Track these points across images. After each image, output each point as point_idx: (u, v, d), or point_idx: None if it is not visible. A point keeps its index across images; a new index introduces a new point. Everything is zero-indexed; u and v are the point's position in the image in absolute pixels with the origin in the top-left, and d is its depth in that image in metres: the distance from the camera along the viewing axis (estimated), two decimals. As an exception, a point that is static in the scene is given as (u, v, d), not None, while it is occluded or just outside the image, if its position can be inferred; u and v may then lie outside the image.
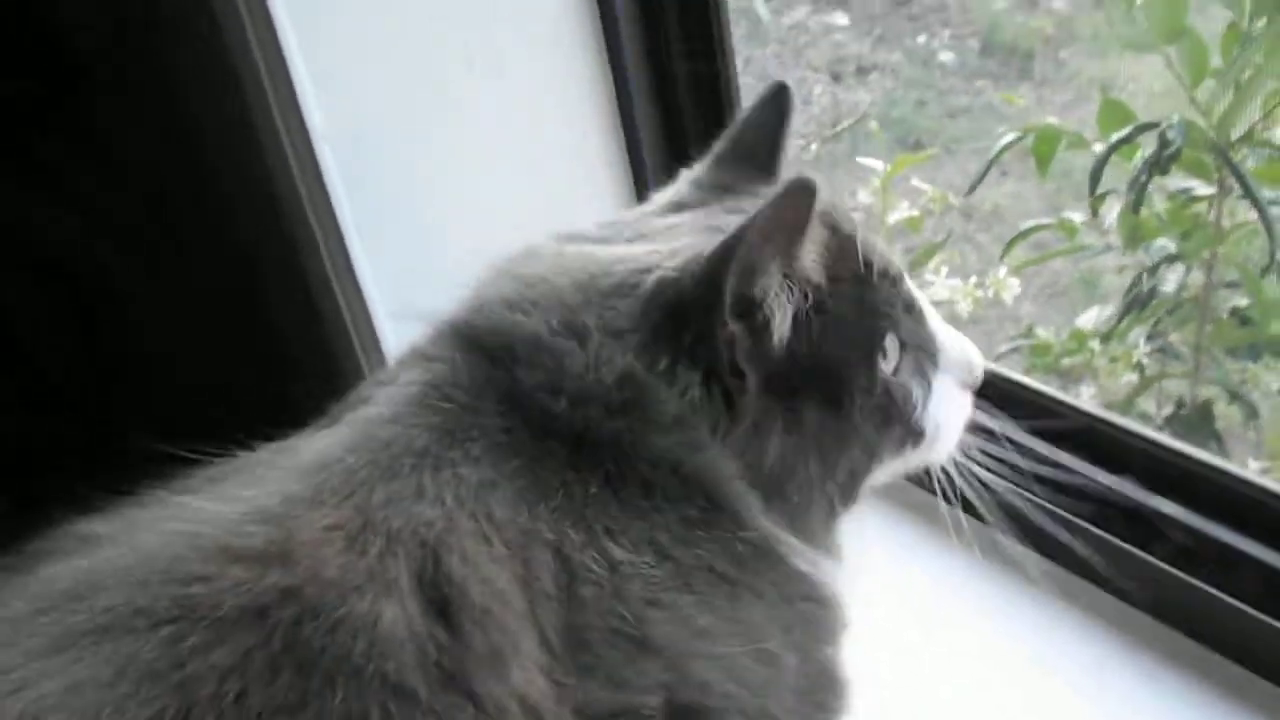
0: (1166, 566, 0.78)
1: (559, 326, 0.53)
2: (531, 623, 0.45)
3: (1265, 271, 1.24)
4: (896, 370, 0.57)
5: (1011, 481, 0.62)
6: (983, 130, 2.53)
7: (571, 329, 0.53)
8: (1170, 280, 1.27)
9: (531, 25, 1.03)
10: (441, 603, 0.43)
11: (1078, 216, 1.41)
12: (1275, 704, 0.74)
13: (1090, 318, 1.42)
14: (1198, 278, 1.34)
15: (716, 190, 0.63)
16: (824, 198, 0.51)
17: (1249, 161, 1.21)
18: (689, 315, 0.52)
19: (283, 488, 0.47)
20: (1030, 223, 1.43)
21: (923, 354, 0.59)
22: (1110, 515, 0.76)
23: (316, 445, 0.50)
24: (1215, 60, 1.18)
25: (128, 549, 0.45)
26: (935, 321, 0.61)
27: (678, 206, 0.63)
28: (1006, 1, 2.76)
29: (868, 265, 0.57)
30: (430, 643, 0.42)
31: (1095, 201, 1.35)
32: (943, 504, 0.61)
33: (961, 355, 0.61)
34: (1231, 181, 1.25)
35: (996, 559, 0.68)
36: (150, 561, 0.43)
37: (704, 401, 0.52)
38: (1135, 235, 1.36)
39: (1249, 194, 1.17)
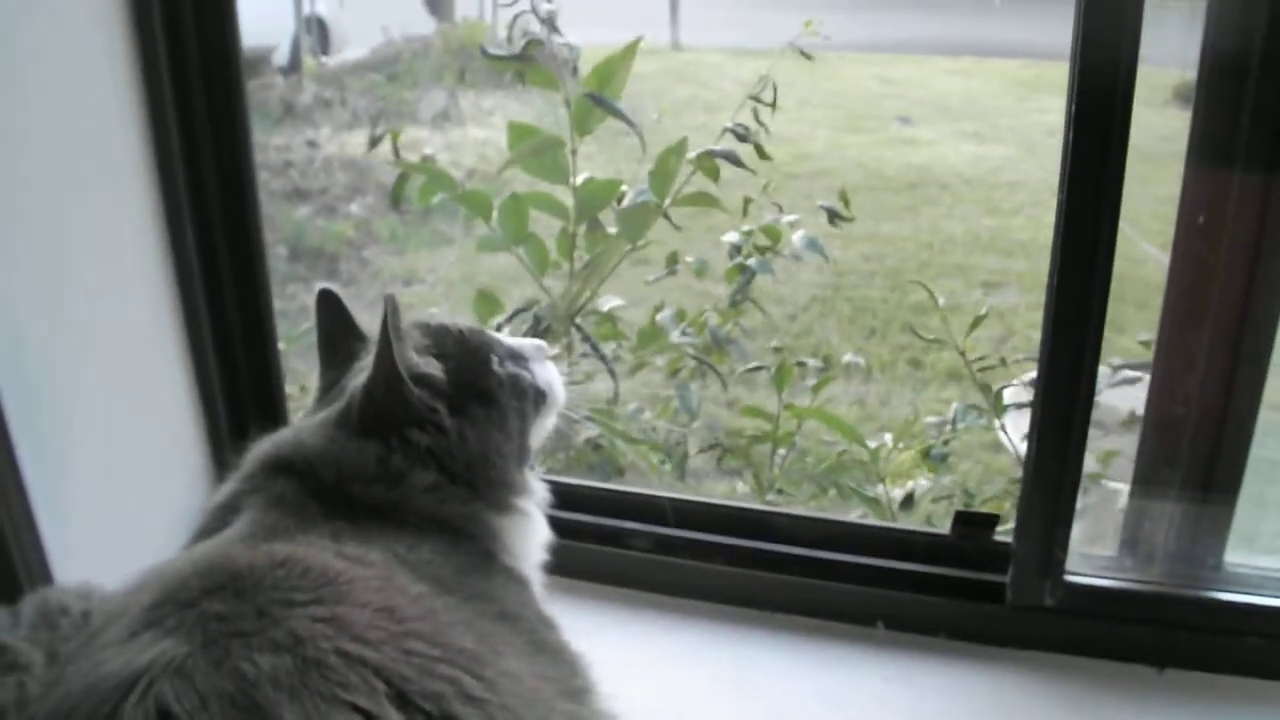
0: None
1: (327, 444, 0.82)
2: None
3: (611, 403, 1.64)
4: (502, 365, 0.90)
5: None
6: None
7: (334, 440, 0.82)
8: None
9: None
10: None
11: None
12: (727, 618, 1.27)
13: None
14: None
15: (333, 379, 0.91)
16: (428, 320, 0.90)
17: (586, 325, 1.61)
18: (385, 406, 0.82)
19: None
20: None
21: (511, 355, 0.92)
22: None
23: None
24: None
25: None
26: (510, 339, 0.95)
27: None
28: (308, 209, 3.02)
29: (460, 333, 0.91)
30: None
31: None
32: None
33: (532, 345, 0.95)
34: (574, 341, 1.65)
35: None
36: None
37: (431, 438, 0.83)
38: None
39: (594, 348, 1.56)
